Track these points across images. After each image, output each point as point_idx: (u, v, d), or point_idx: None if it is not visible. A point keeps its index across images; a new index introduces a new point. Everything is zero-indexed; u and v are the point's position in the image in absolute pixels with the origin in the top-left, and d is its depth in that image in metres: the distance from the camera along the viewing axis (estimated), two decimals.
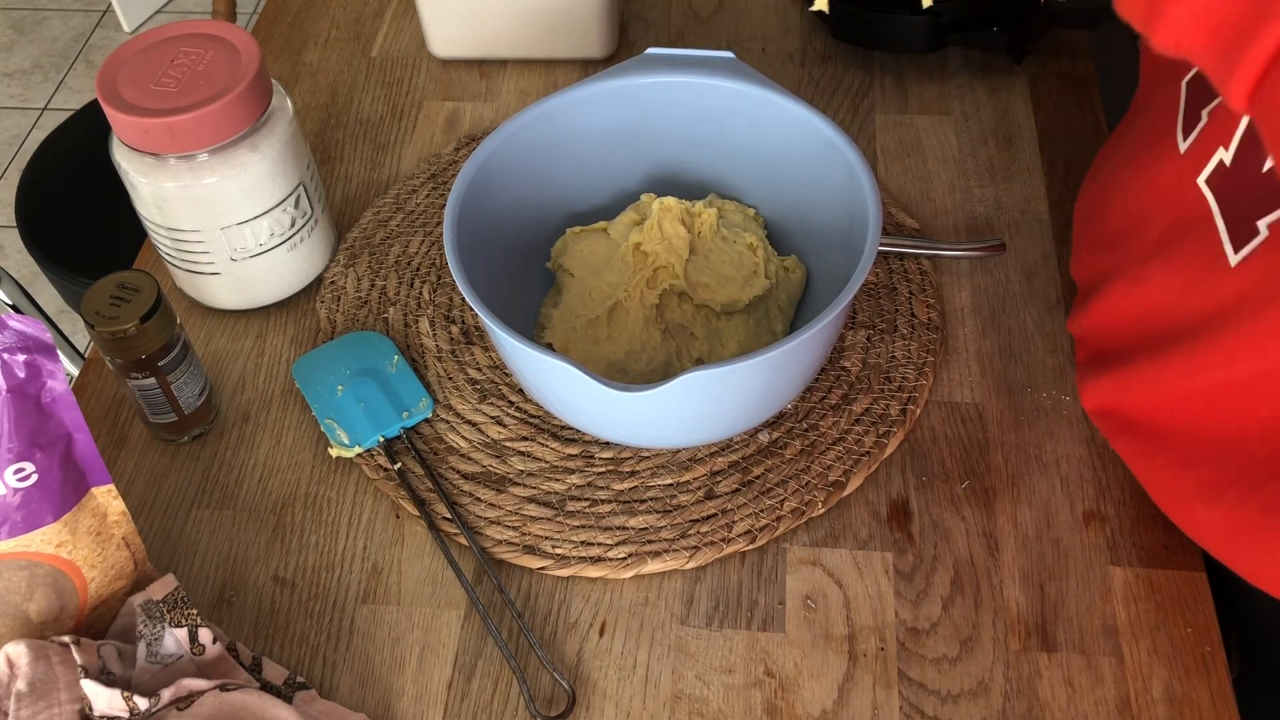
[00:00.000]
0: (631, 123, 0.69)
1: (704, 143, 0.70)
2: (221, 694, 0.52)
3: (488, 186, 0.65)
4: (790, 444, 0.65)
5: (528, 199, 0.69)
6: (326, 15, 0.95)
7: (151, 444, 0.68)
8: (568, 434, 0.67)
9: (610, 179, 0.72)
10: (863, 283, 0.59)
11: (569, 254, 0.69)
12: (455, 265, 0.59)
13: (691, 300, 0.66)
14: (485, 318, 0.57)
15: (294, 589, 0.62)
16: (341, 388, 0.68)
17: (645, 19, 0.93)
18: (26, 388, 0.49)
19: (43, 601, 0.53)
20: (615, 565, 0.61)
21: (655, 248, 0.66)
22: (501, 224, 0.67)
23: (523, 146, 0.67)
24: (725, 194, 0.72)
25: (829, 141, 0.63)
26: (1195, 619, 0.58)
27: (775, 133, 0.67)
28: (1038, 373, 0.69)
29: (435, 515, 0.64)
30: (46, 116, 2.16)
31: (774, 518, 0.62)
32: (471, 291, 0.57)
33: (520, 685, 0.57)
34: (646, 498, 0.64)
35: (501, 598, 0.60)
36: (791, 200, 0.70)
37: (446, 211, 0.61)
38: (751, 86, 0.66)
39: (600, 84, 0.67)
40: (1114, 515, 0.62)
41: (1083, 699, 0.56)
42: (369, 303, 0.74)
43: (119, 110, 0.63)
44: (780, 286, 0.68)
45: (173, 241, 0.69)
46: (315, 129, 0.86)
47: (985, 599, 0.59)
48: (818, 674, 0.57)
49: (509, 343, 0.56)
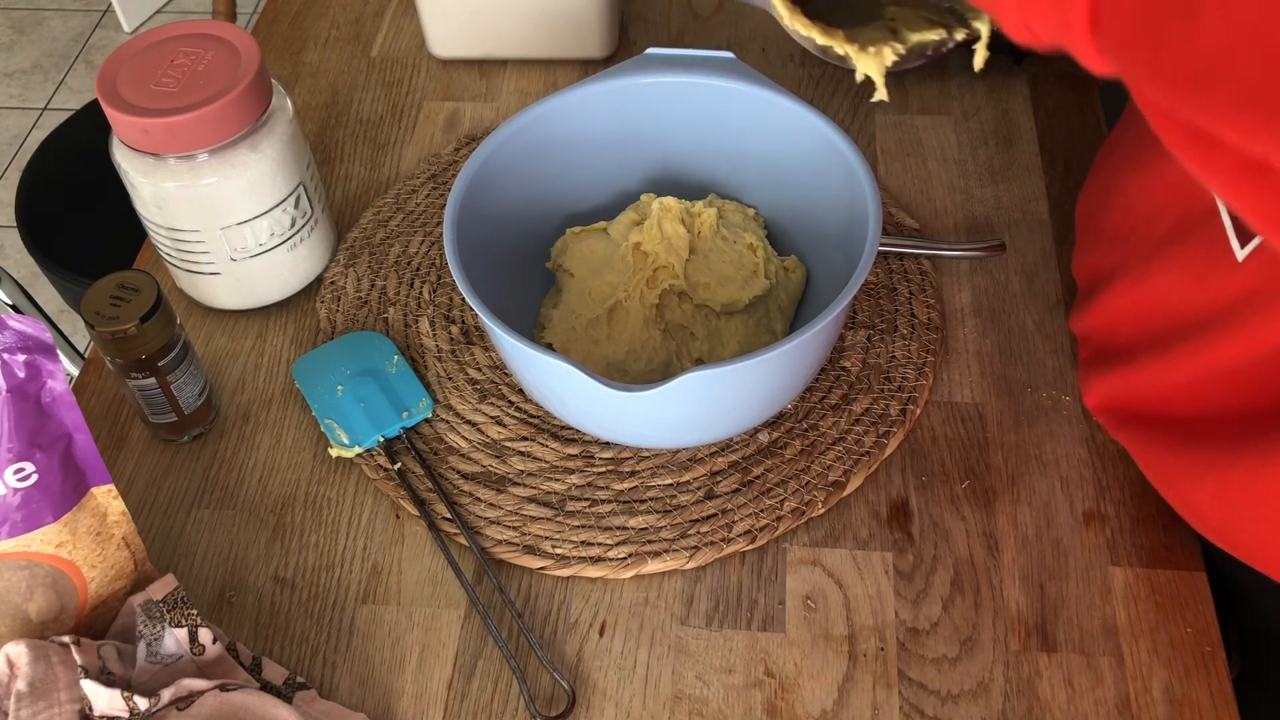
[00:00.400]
0: (631, 123, 0.69)
1: (704, 143, 0.70)
2: (221, 694, 0.52)
3: (488, 186, 0.64)
4: (790, 444, 0.65)
5: (528, 199, 0.69)
6: (326, 15, 0.95)
7: (151, 444, 0.68)
8: (568, 434, 0.67)
9: (610, 179, 0.72)
10: (863, 283, 0.59)
11: (569, 254, 0.69)
12: (455, 265, 0.59)
13: (691, 300, 0.66)
14: (485, 317, 0.57)
15: (294, 589, 0.62)
16: (341, 388, 0.68)
17: (645, 19, 0.93)
18: (26, 388, 0.49)
19: (43, 601, 0.53)
20: (615, 565, 0.61)
21: (655, 248, 0.66)
22: (501, 224, 0.67)
23: (523, 146, 0.67)
24: (725, 194, 0.72)
25: (829, 141, 0.63)
26: (1195, 619, 0.58)
27: (775, 133, 0.67)
28: (1038, 373, 0.69)
29: (435, 515, 0.64)
30: (46, 116, 2.16)
31: (774, 518, 0.62)
32: (471, 291, 0.57)
33: (520, 685, 0.57)
34: (646, 498, 0.64)
35: (501, 598, 0.60)
36: (791, 200, 0.70)
37: (446, 211, 0.61)
38: (751, 86, 0.66)
39: (600, 84, 0.67)
40: (1114, 515, 0.62)
41: (1083, 699, 0.56)
42: (369, 303, 0.74)
43: (119, 110, 0.63)
44: (780, 286, 0.68)
45: (173, 241, 0.69)
46: (315, 129, 0.86)
47: (985, 599, 0.59)
48: (818, 674, 0.57)
49: (509, 343, 0.56)
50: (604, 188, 0.72)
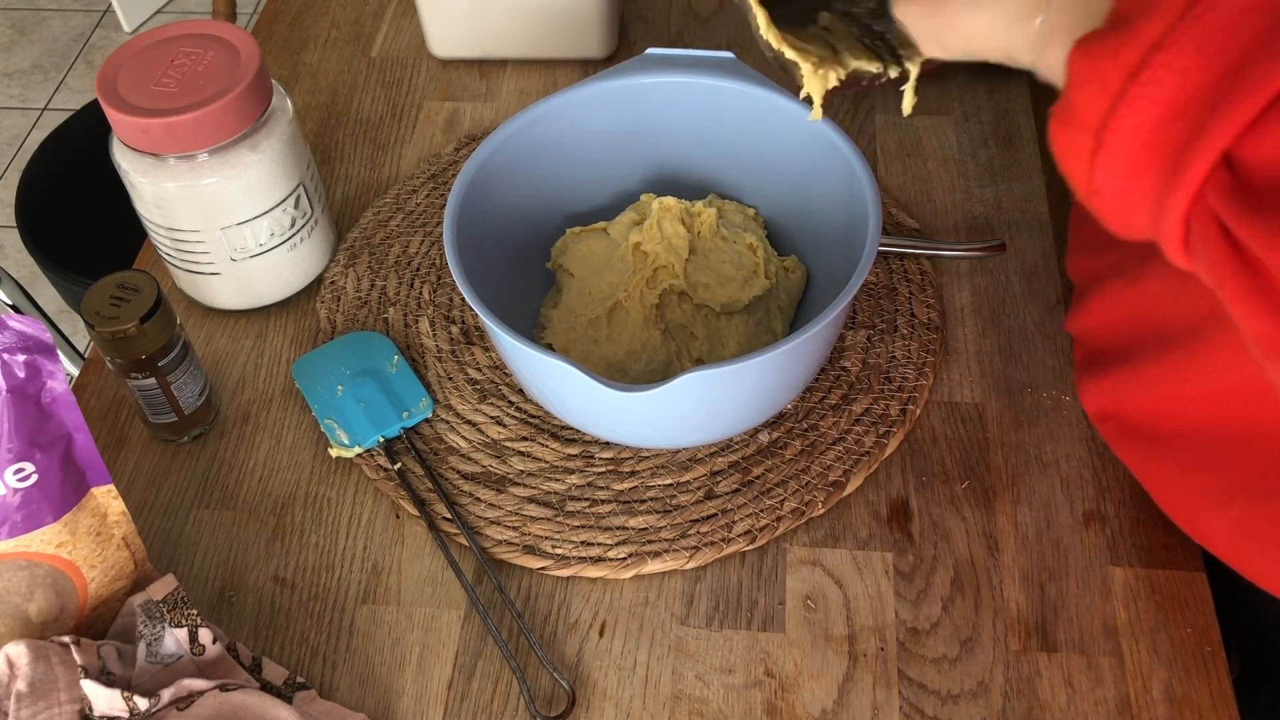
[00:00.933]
0: (631, 123, 0.69)
1: (704, 143, 0.70)
2: (221, 694, 0.52)
3: (487, 186, 0.64)
4: (790, 444, 0.65)
5: (528, 199, 0.69)
6: (326, 15, 0.95)
7: (151, 444, 0.68)
8: (568, 434, 0.67)
9: (610, 179, 0.72)
10: (863, 283, 0.59)
11: (569, 254, 0.69)
12: (455, 265, 0.59)
13: (691, 300, 0.66)
14: (485, 318, 0.57)
15: (294, 589, 0.62)
16: (341, 388, 0.68)
17: (645, 19, 0.93)
18: (26, 388, 0.49)
19: (43, 601, 0.53)
20: (615, 565, 0.61)
21: (655, 248, 0.66)
22: (501, 224, 0.67)
23: (522, 147, 0.67)
24: (725, 194, 0.72)
25: (828, 141, 0.63)
26: (1195, 619, 0.58)
27: (774, 133, 0.67)
28: (1038, 373, 0.68)
29: (435, 515, 0.64)
30: (46, 116, 2.16)
31: (774, 518, 0.62)
32: (471, 291, 0.57)
33: (520, 685, 0.57)
34: (646, 498, 0.64)
35: (501, 598, 0.60)
36: (791, 200, 0.70)
37: (446, 211, 0.61)
38: (751, 86, 0.66)
39: (600, 84, 0.67)
40: (1114, 515, 0.62)
41: (1083, 699, 0.56)
42: (369, 303, 0.74)
43: (119, 110, 0.63)
44: (780, 286, 0.68)
45: (173, 241, 0.69)
46: (315, 129, 0.86)
47: (985, 599, 0.59)
48: (818, 674, 0.57)
49: (509, 343, 0.56)
50: (604, 188, 0.72)
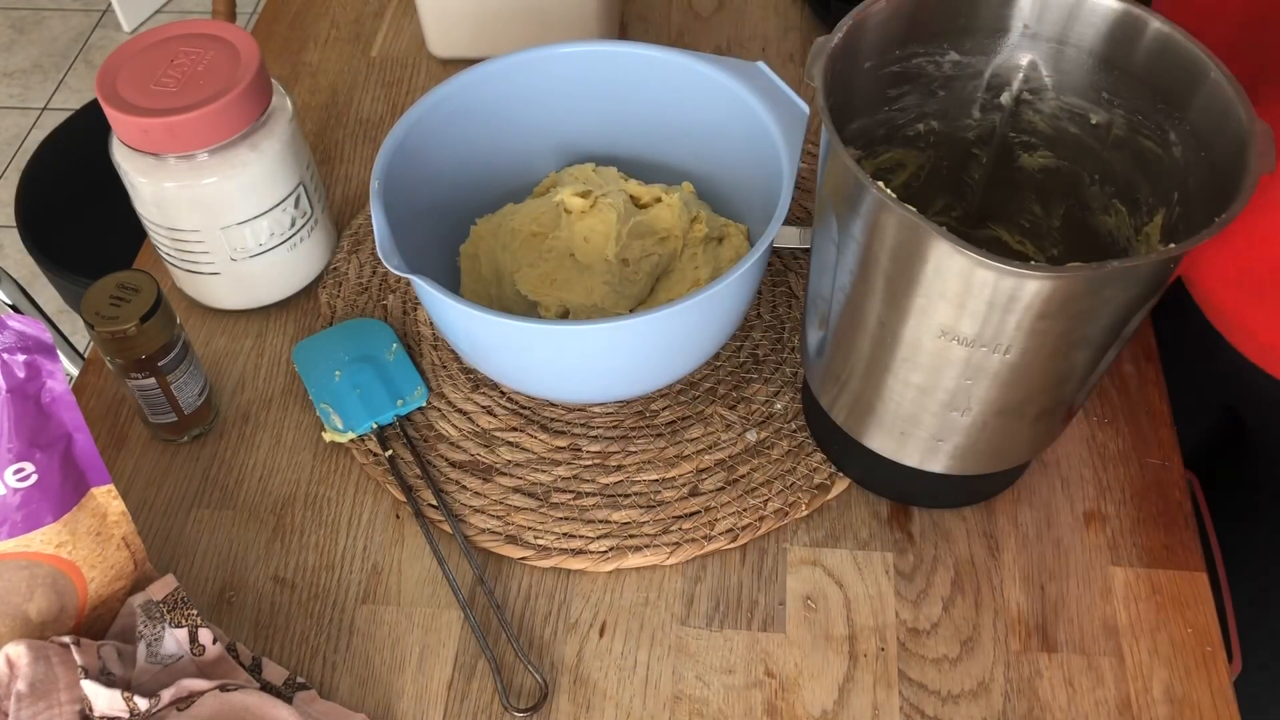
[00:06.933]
0: (540, 97, 0.70)
1: (625, 115, 0.71)
2: (221, 694, 0.52)
3: (409, 167, 0.65)
4: (778, 444, 0.65)
5: (451, 177, 0.69)
6: (326, 15, 0.95)
7: (151, 444, 0.68)
8: (557, 426, 0.67)
9: (526, 155, 0.73)
10: (772, 241, 0.58)
11: (486, 239, 0.69)
12: (380, 219, 0.59)
13: (642, 263, 0.67)
14: (409, 275, 0.57)
15: (294, 589, 0.62)
16: (339, 373, 0.68)
17: (645, 19, 0.93)
18: (26, 388, 0.49)
19: (43, 601, 0.53)
20: (596, 558, 0.61)
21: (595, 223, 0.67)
22: (433, 194, 0.67)
23: (442, 119, 0.67)
24: (656, 169, 0.73)
25: (741, 100, 0.64)
26: (1195, 619, 0.58)
27: (690, 98, 0.68)
28: None
29: (422, 502, 0.64)
30: (46, 116, 2.16)
31: (757, 517, 0.62)
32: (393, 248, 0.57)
33: (494, 677, 0.57)
34: (631, 492, 0.64)
35: (483, 590, 0.60)
36: (723, 168, 0.70)
37: (374, 173, 0.62)
38: (663, 53, 0.67)
39: (513, 57, 0.68)
40: (1114, 515, 0.62)
41: (1083, 699, 0.56)
42: (369, 289, 0.75)
43: (119, 110, 0.63)
44: (728, 244, 0.68)
45: (173, 241, 0.69)
46: (315, 129, 0.86)
47: (985, 599, 0.59)
48: (818, 674, 0.57)
49: (423, 288, 0.56)
50: (524, 164, 0.73)
